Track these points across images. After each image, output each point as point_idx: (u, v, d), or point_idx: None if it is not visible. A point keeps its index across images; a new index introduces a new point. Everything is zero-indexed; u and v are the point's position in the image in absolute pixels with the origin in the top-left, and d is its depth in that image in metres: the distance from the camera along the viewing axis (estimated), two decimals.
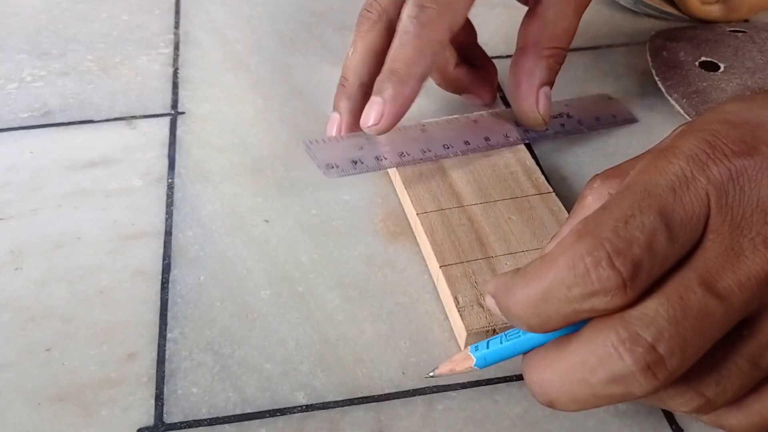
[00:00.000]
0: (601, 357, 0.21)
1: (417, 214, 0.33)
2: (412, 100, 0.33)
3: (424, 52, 0.32)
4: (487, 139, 0.37)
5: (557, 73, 0.37)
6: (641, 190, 0.22)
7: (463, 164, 0.35)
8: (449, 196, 0.34)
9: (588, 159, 0.38)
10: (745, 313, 0.21)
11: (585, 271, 0.21)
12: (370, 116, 0.33)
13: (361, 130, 0.34)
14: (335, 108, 0.36)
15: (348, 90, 0.35)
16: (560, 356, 0.22)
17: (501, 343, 0.24)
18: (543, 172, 0.35)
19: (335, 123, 0.35)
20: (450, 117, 0.38)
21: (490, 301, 0.24)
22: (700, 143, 0.22)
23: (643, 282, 0.21)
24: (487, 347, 0.24)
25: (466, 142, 0.36)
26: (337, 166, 0.34)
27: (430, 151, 0.36)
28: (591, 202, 0.25)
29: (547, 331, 0.23)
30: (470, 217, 0.33)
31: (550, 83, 0.36)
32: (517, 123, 0.37)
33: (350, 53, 0.35)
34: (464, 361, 0.25)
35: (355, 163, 0.35)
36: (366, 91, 0.34)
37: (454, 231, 0.32)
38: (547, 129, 0.37)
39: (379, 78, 0.33)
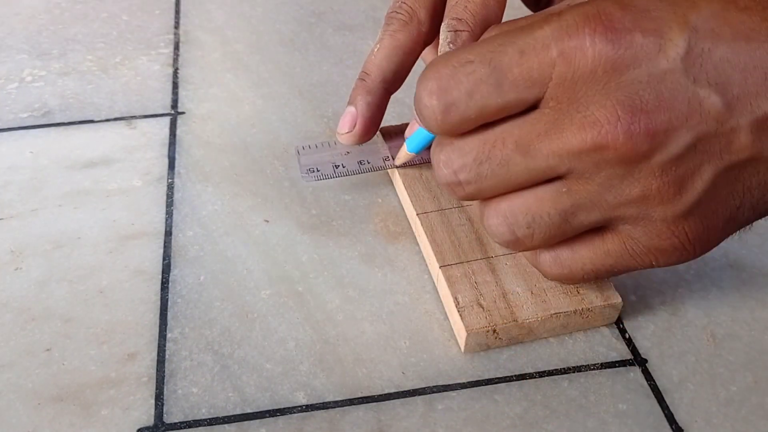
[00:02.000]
0: (433, 163, 0.27)
1: (417, 214, 0.33)
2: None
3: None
4: None
5: None
6: (496, 44, 0.24)
7: None
8: (449, 196, 0.34)
9: None
10: (550, 175, 0.25)
11: (419, 95, 0.25)
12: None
13: (374, 128, 0.34)
14: (351, 102, 0.34)
15: (369, 84, 0.34)
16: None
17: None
18: None
19: (349, 117, 0.34)
20: None
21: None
22: (579, 17, 0.23)
23: (455, 119, 0.25)
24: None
25: None
26: (318, 170, 0.35)
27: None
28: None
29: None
30: (470, 217, 0.33)
31: None
32: None
33: (375, 50, 0.34)
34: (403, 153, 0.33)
35: (336, 167, 0.35)
36: (387, 89, 0.34)
37: (454, 231, 0.32)
38: None
39: None
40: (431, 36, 0.34)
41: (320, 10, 0.50)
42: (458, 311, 0.29)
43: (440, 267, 0.30)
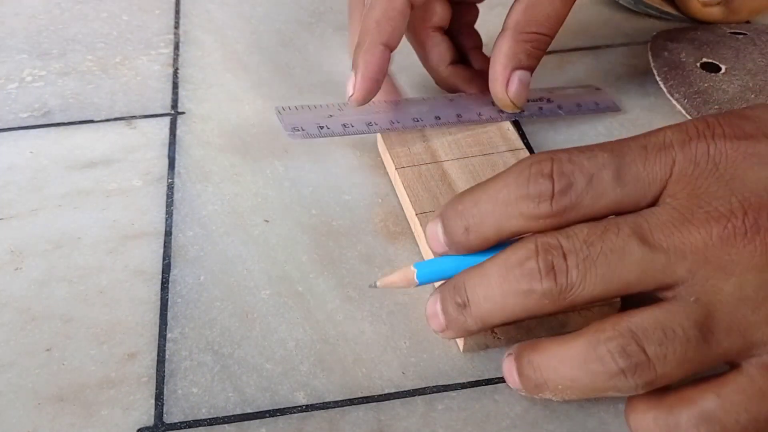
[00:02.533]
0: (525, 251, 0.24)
1: (416, 215, 0.33)
2: (379, 68, 0.34)
3: (381, 23, 0.33)
4: (459, 115, 0.37)
5: (538, 59, 0.36)
6: (619, 141, 0.24)
7: (462, 166, 0.35)
8: (449, 196, 0.34)
9: None
10: (668, 277, 0.22)
11: (527, 178, 0.24)
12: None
13: (375, 87, 0.34)
14: (353, 66, 0.35)
15: (366, 45, 0.34)
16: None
17: (441, 262, 0.27)
18: None
19: (351, 80, 0.34)
20: (427, 95, 0.39)
21: (430, 229, 0.26)
22: (700, 123, 0.24)
23: (570, 201, 0.23)
24: (429, 266, 0.27)
25: (437, 117, 0.37)
26: (303, 129, 0.35)
27: (398, 122, 0.36)
28: None
29: (482, 248, 0.25)
30: None
31: (529, 68, 0.36)
32: (494, 103, 0.37)
33: (369, 11, 0.34)
34: (406, 275, 0.27)
35: (321, 128, 0.35)
36: (385, 46, 0.34)
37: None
38: (522, 111, 0.37)
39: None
40: None
41: (320, 10, 0.50)
42: None
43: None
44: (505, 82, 0.36)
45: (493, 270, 0.24)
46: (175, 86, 0.43)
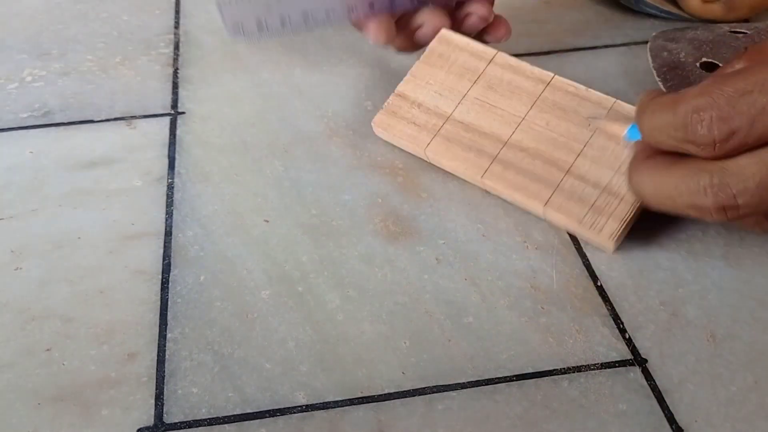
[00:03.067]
0: (692, 189, 0.27)
1: (481, 178, 0.33)
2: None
3: None
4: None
5: None
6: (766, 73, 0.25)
7: (457, 118, 0.35)
8: (487, 143, 0.34)
9: None
10: None
11: (689, 122, 0.26)
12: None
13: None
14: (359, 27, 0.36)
15: None
16: (663, 173, 0.28)
17: None
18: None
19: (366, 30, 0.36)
20: None
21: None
22: None
23: (734, 146, 0.25)
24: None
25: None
26: (244, 29, 0.35)
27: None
28: (736, 65, 0.28)
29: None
30: (522, 147, 0.33)
31: None
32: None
33: None
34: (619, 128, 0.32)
35: (261, 27, 0.35)
36: None
37: (521, 169, 0.33)
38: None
39: None
40: None
41: None
42: (591, 228, 0.31)
43: (544, 206, 0.32)
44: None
45: (666, 187, 0.28)
46: (175, 86, 0.43)
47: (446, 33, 0.37)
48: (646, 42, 0.44)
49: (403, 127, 0.36)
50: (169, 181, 0.37)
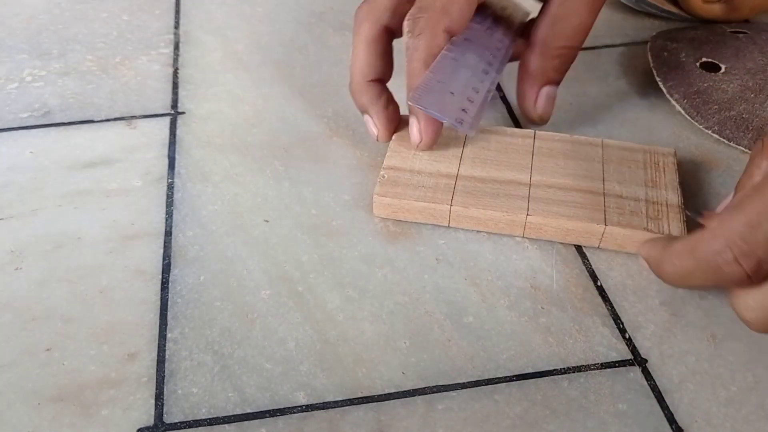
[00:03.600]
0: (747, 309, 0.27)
1: (526, 216, 0.32)
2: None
3: (426, 61, 0.33)
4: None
5: (565, 72, 0.36)
6: None
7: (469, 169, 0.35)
8: (512, 188, 0.33)
9: None
10: None
11: (715, 266, 0.26)
12: (413, 135, 0.34)
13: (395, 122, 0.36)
14: (362, 112, 0.36)
15: (358, 87, 0.35)
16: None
17: None
18: None
19: (369, 124, 0.36)
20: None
21: (643, 262, 0.31)
22: None
23: (765, 272, 0.26)
24: None
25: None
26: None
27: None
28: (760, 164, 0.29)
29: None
30: (548, 185, 0.33)
31: (556, 83, 0.36)
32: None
33: (353, 57, 0.35)
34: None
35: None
36: (381, 81, 0.35)
37: (561, 201, 0.33)
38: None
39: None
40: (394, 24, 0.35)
41: (320, 10, 0.50)
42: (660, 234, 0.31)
43: (605, 226, 0.32)
44: (533, 99, 0.36)
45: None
46: (175, 86, 0.43)
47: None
48: (646, 42, 0.44)
49: (412, 191, 0.33)
50: (169, 181, 0.37)
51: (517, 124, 0.40)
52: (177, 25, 0.48)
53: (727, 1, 0.46)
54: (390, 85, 0.37)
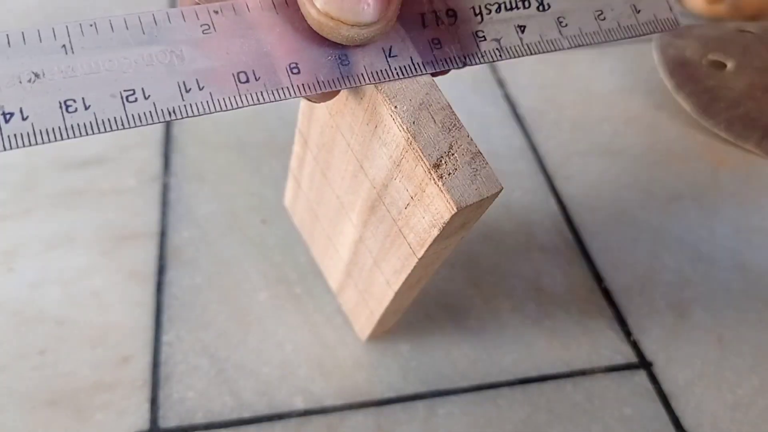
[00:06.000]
0: None
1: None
2: None
3: None
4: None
5: None
6: None
7: None
8: None
9: (593, 158, 0.37)
10: None
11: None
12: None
13: None
14: None
15: None
16: None
17: None
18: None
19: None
20: None
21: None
22: None
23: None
24: None
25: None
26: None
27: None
28: None
29: None
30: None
31: None
32: None
33: None
34: None
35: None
36: None
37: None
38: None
39: None
40: None
41: None
42: None
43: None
44: None
45: None
46: None
47: None
48: (650, 40, 0.43)
49: None
50: (164, 180, 0.36)
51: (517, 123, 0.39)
52: None
53: (731, 2, 0.45)
54: None
